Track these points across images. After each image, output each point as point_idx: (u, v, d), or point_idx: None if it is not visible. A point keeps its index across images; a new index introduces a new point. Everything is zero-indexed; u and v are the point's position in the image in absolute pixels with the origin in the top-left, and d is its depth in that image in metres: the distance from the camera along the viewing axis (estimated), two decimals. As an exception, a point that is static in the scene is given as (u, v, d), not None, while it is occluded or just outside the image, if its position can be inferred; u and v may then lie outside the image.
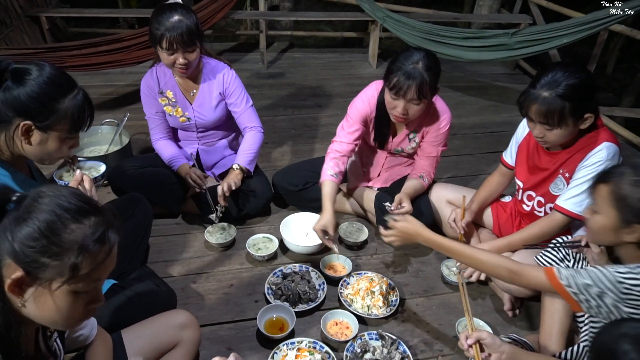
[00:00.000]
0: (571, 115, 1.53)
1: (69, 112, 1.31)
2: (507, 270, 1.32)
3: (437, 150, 2.07)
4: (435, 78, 1.82)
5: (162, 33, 1.86)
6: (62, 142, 1.34)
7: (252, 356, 1.64)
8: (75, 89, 1.34)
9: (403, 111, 1.84)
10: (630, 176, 1.16)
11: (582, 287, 1.16)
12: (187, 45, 1.90)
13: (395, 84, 1.79)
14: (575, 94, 1.51)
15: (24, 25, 3.84)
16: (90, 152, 2.63)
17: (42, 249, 0.83)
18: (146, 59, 3.38)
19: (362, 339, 1.66)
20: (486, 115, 3.61)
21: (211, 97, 2.15)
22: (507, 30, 3.53)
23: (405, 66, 1.77)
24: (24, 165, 1.44)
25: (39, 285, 0.85)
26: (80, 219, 0.86)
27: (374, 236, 2.26)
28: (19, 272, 0.83)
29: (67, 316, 0.90)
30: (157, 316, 1.46)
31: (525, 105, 1.60)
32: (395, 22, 3.84)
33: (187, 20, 1.87)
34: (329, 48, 5.14)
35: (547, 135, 1.61)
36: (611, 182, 1.19)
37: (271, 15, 4.39)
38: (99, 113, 3.24)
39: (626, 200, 1.15)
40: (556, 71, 1.53)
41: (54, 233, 0.83)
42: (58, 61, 3.12)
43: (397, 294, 1.87)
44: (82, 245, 0.84)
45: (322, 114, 3.50)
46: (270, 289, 1.87)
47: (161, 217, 2.26)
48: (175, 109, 2.16)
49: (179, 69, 1.96)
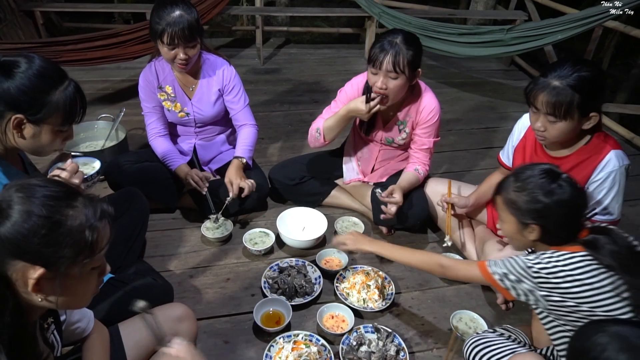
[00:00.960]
0: (578, 109, 1.51)
1: (61, 105, 1.29)
2: (439, 265, 1.51)
3: (430, 142, 2.08)
4: (414, 55, 1.84)
5: (163, 27, 1.85)
6: (55, 135, 1.33)
7: (249, 349, 1.66)
8: (65, 80, 1.32)
9: (382, 84, 1.87)
10: (514, 184, 1.30)
11: (502, 276, 1.31)
12: (188, 41, 1.90)
13: (371, 56, 1.86)
14: (587, 87, 1.49)
15: (18, 20, 3.82)
16: (87, 147, 2.63)
17: (51, 242, 0.85)
18: (142, 54, 3.38)
19: (358, 332, 1.67)
20: (481, 111, 3.63)
21: (210, 92, 2.15)
22: (503, 27, 3.54)
23: (383, 40, 1.85)
24: (17, 159, 1.44)
25: (61, 275, 0.88)
26: (72, 203, 0.89)
27: (371, 231, 2.27)
28: (39, 270, 0.85)
29: (91, 292, 0.98)
30: (154, 309, 1.47)
31: (533, 94, 1.56)
32: (392, 18, 3.85)
33: (189, 15, 1.87)
34: (325, 44, 5.14)
35: (549, 129, 1.58)
36: (502, 192, 1.34)
37: (267, 11, 4.39)
38: (95, 108, 3.25)
39: (516, 204, 1.29)
40: (569, 63, 1.52)
41: (58, 225, 0.86)
42: (53, 56, 3.11)
43: (392, 288, 1.89)
44: (90, 226, 0.89)
45: (318, 109, 3.46)
46: (267, 282, 1.88)
47: (158, 211, 2.26)
48: (174, 104, 2.15)
49: (179, 64, 1.96)
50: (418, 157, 2.11)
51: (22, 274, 0.86)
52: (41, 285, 0.88)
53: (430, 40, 3.68)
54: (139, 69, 2.17)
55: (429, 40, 3.67)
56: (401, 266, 2.07)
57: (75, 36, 3.27)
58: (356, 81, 2.11)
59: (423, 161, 2.11)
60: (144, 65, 2.18)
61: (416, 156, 2.12)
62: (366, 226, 2.27)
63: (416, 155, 2.12)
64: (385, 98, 1.91)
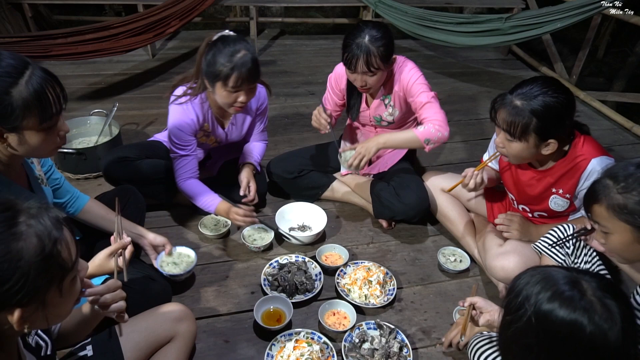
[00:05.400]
0: (534, 133, 1.49)
1: (30, 102, 1.11)
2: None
3: (426, 96, 1.94)
4: (385, 47, 1.82)
5: (228, 70, 1.70)
6: (45, 134, 1.19)
7: (250, 348, 1.63)
8: (26, 70, 1.12)
9: (361, 83, 1.90)
10: (615, 186, 1.11)
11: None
12: (254, 82, 1.79)
13: (344, 59, 1.87)
14: (547, 113, 1.46)
15: (6, 13, 3.73)
16: (80, 144, 2.58)
17: (13, 281, 0.78)
18: (134, 47, 3.30)
19: (360, 329, 1.65)
20: (479, 102, 3.60)
21: (244, 120, 2.11)
22: (501, 15, 3.50)
23: (351, 41, 1.83)
24: (20, 174, 1.36)
25: (43, 302, 0.83)
26: (16, 229, 0.79)
27: (371, 225, 2.25)
28: (16, 313, 0.80)
29: (76, 296, 0.93)
30: (152, 309, 1.44)
31: (496, 108, 1.56)
32: (387, 7, 3.79)
33: (252, 53, 1.76)
34: (320, 35, 5.08)
35: (507, 146, 1.57)
36: (602, 199, 1.13)
37: (261, 2, 4.31)
38: (87, 103, 3.19)
39: (627, 208, 1.09)
40: (536, 84, 1.49)
41: (11, 260, 0.78)
42: (43, 50, 3.03)
43: (394, 283, 1.86)
44: (52, 241, 0.82)
45: (315, 101, 3.46)
46: (267, 280, 1.85)
47: (154, 209, 2.22)
48: (209, 138, 2.09)
49: (238, 107, 1.82)
50: (426, 116, 1.95)
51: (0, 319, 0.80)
52: (25, 319, 0.81)
53: (427, 30, 3.63)
54: (132, 62, 2.11)
55: (426, 30, 3.63)
56: (402, 261, 2.05)
57: (65, 29, 3.18)
58: (339, 68, 2.13)
59: (432, 117, 1.93)
60: (136, 58, 2.12)
61: (424, 116, 1.95)
62: (366, 219, 2.24)
63: (424, 115, 1.95)
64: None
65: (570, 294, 0.84)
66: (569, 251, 1.49)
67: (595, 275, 0.89)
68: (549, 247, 1.54)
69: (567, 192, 1.65)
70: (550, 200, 1.71)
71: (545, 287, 0.87)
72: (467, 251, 2.05)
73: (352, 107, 2.16)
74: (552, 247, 1.53)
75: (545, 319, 0.84)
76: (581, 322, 0.81)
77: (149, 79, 3.56)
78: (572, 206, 1.70)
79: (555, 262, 1.53)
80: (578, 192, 1.64)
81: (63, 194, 1.59)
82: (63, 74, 3.67)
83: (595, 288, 0.84)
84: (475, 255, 2.01)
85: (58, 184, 1.56)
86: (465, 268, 1.98)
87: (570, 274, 0.88)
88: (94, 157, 2.37)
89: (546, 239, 1.57)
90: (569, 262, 1.52)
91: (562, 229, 1.55)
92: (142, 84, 3.48)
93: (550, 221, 1.82)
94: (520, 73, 4.07)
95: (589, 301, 0.83)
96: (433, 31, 3.63)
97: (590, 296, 0.83)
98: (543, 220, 1.84)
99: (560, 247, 1.51)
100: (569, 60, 4.41)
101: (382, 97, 2.05)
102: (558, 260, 1.53)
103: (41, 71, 1.15)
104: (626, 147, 3.05)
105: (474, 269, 2.02)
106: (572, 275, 0.88)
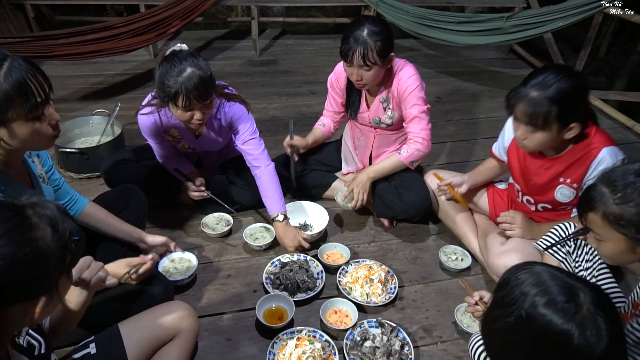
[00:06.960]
0: (556, 121, 1.49)
1: (11, 92, 1.09)
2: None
3: (418, 110, 1.98)
4: (383, 44, 1.82)
5: (176, 90, 1.63)
6: (33, 123, 1.16)
7: (252, 346, 1.64)
8: (5, 62, 1.11)
9: (357, 77, 1.90)
10: (612, 195, 1.09)
11: None
12: (205, 99, 1.70)
13: (342, 52, 1.87)
14: (565, 98, 1.47)
15: (8, 13, 3.74)
16: (82, 143, 2.59)
17: (42, 272, 0.81)
18: (136, 47, 3.31)
19: (362, 327, 1.66)
20: (481, 101, 3.59)
21: (219, 133, 2.07)
22: (502, 14, 3.49)
23: (350, 33, 1.83)
24: (22, 171, 1.36)
25: (54, 293, 0.85)
26: (30, 222, 0.81)
27: (373, 224, 2.25)
28: (42, 300, 0.83)
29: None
30: (154, 308, 1.45)
31: (512, 103, 1.55)
32: (389, 7, 3.79)
33: (200, 70, 1.65)
34: (321, 34, 5.08)
35: (529, 138, 1.57)
36: (597, 207, 1.11)
37: (263, 2, 4.32)
38: (90, 103, 3.20)
39: (623, 219, 1.07)
40: (548, 73, 1.49)
41: (38, 253, 0.80)
42: (45, 50, 3.05)
43: (395, 281, 1.87)
44: (60, 231, 0.83)
45: (316, 101, 3.46)
46: (269, 278, 1.86)
47: (156, 208, 2.23)
48: (180, 144, 2.08)
49: (196, 124, 1.76)
50: (410, 130, 2.03)
51: (22, 312, 0.82)
52: (42, 310, 0.84)
53: (428, 29, 3.63)
54: (134, 62, 2.12)
55: (428, 29, 3.62)
56: (403, 260, 2.05)
57: (67, 30, 3.19)
58: (338, 68, 2.15)
59: (416, 134, 2.00)
60: (138, 58, 2.13)
61: (409, 131, 2.03)
62: (368, 219, 2.24)
63: (409, 130, 2.03)
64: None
65: (567, 306, 0.84)
66: (570, 250, 1.50)
67: (593, 289, 0.87)
68: (550, 246, 1.54)
69: (574, 181, 1.65)
70: (557, 190, 1.71)
71: (541, 292, 0.87)
72: (468, 250, 2.06)
73: (352, 105, 2.16)
74: (553, 246, 1.53)
75: (537, 322, 0.85)
76: (572, 334, 0.82)
77: (150, 79, 3.55)
78: (577, 198, 1.70)
79: (556, 261, 1.53)
80: (585, 181, 1.63)
81: (62, 195, 1.59)
82: (65, 74, 3.69)
83: (590, 303, 0.84)
84: (477, 254, 2.01)
85: (58, 185, 1.57)
86: (466, 267, 1.98)
87: (569, 282, 0.88)
88: (97, 157, 2.38)
89: (547, 238, 1.57)
90: (570, 260, 1.52)
91: (563, 227, 1.55)
92: (144, 84, 3.49)
93: (553, 215, 1.82)
94: (522, 72, 4.07)
95: (584, 316, 0.83)
96: (434, 30, 3.63)
97: (585, 311, 0.83)
98: (546, 215, 1.84)
99: (561, 246, 1.51)
100: (570, 59, 4.41)
101: (381, 100, 2.06)
102: (559, 259, 1.53)
103: (21, 61, 1.13)
104: (628, 145, 3.05)
105: (476, 267, 2.02)
106: (571, 284, 0.87)
